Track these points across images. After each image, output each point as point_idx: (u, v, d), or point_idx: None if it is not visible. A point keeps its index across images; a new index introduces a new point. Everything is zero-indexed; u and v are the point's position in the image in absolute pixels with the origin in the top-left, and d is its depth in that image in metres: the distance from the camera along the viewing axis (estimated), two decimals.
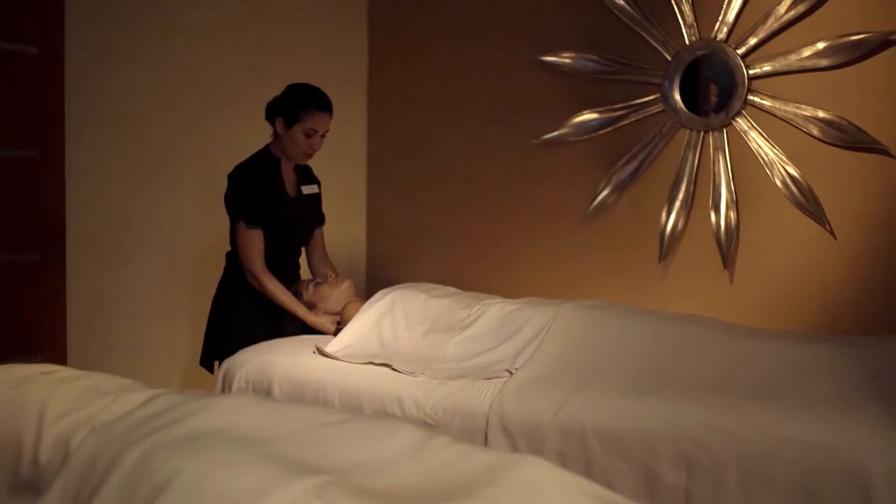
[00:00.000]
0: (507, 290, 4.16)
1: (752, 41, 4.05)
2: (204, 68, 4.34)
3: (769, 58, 4.03)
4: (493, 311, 3.47)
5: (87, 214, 3.94)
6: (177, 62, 4.24)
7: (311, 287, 3.79)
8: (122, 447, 1.74)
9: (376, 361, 3.27)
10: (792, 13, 3.94)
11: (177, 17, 4.24)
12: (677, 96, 4.24)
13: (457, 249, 4.89)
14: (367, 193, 5.20)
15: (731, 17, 4.09)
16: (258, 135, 3.81)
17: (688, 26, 4.19)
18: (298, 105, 3.70)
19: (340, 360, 3.31)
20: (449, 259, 4.89)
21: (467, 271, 4.73)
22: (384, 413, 2.99)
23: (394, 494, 1.57)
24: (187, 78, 4.28)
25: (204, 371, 3.88)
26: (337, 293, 3.76)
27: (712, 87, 4.25)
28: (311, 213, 3.97)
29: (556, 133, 4.51)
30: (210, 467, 1.61)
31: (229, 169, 3.75)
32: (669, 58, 4.25)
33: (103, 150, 3.99)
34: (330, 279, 3.83)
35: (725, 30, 4.11)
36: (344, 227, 4.60)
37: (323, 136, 3.76)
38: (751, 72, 4.06)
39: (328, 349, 3.37)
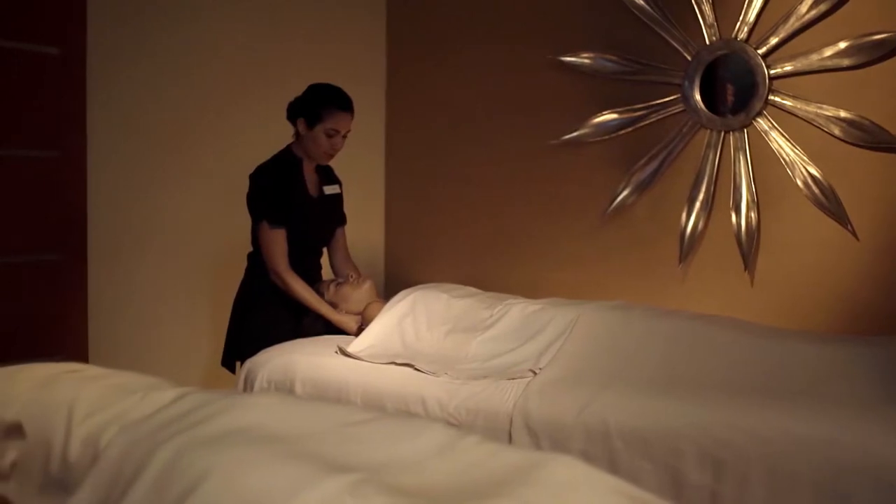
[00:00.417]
0: (527, 291, 4.16)
1: (773, 41, 4.03)
2: (224, 68, 4.35)
3: (790, 57, 4.01)
4: (516, 311, 3.47)
5: (109, 215, 3.95)
6: (197, 62, 4.25)
7: (332, 287, 3.79)
8: (152, 446, 1.74)
9: (399, 361, 3.27)
10: (813, 13, 3.92)
11: (197, 18, 4.25)
12: (698, 96, 4.22)
13: (476, 250, 4.89)
14: (386, 194, 5.20)
15: (751, 16, 4.08)
16: (278, 135, 3.81)
17: (708, 26, 4.18)
18: (320, 105, 3.70)
19: (363, 360, 3.31)
20: (468, 260, 4.88)
21: (486, 272, 4.72)
22: (407, 413, 2.98)
23: (425, 493, 1.57)
24: (207, 78, 4.29)
25: (224, 371, 3.88)
26: (358, 293, 3.76)
27: (729, 88, 4.23)
28: (332, 213, 3.98)
29: (575, 133, 4.51)
30: (241, 466, 1.61)
31: (249, 169, 3.75)
32: (689, 58, 4.23)
33: (124, 150, 4.01)
34: (351, 279, 3.83)
35: (746, 29, 4.09)
36: (362, 228, 4.60)
37: (345, 136, 3.76)
38: (772, 72, 4.04)
39: (350, 349, 3.37)
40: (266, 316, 3.77)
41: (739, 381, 2.92)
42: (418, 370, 3.19)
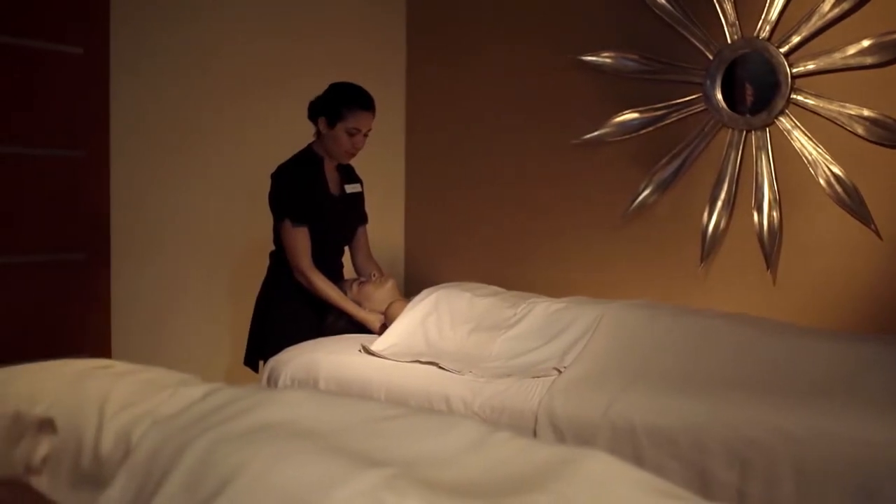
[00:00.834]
0: (547, 291, 4.13)
1: (796, 39, 4.02)
2: (245, 68, 4.36)
3: (813, 56, 4.00)
4: (539, 309, 3.46)
5: (131, 214, 3.97)
6: (218, 62, 4.27)
7: (354, 286, 3.79)
8: (184, 440, 1.74)
9: (423, 360, 3.27)
10: (836, 11, 3.91)
11: (218, 18, 4.26)
12: (719, 95, 4.22)
13: (495, 250, 4.89)
14: (406, 193, 5.20)
15: (774, 15, 4.06)
16: (299, 134, 3.82)
17: (730, 25, 4.17)
18: (341, 104, 3.71)
19: (387, 358, 3.30)
20: (488, 260, 4.88)
21: (506, 272, 4.72)
22: (435, 410, 2.98)
23: (459, 488, 1.56)
24: (229, 77, 4.31)
25: (247, 370, 3.89)
26: (381, 292, 3.76)
27: (747, 87, 4.22)
28: (354, 212, 3.98)
29: (596, 133, 4.51)
30: (274, 460, 1.60)
31: (270, 168, 3.76)
32: (711, 57, 4.23)
33: (147, 150, 4.02)
34: (374, 278, 3.83)
35: (768, 28, 4.08)
36: (382, 227, 4.60)
37: (366, 135, 3.77)
38: (794, 70, 4.03)
39: (374, 347, 3.37)
40: (288, 315, 3.77)
41: (766, 380, 2.90)
42: (442, 368, 3.19)
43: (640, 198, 4.42)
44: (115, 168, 3.87)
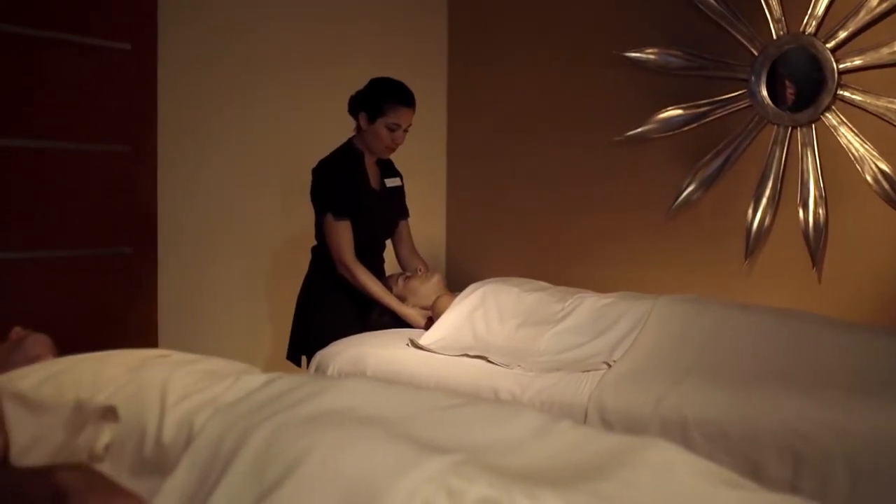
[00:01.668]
0: (589, 288, 4.12)
1: (842, 35, 3.99)
2: (288, 63, 4.40)
3: (860, 51, 3.97)
4: (587, 304, 3.45)
5: (178, 209, 4.00)
6: (262, 59, 4.30)
7: (400, 281, 3.80)
8: (248, 426, 1.74)
9: (471, 354, 3.27)
10: (884, 5, 3.89)
11: (262, 15, 4.29)
12: (764, 92, 4.19)
13: (537, 247, 4.88)
14: (447, 190, 5.21)
15: (820, 10, 4.04)
16: (339, 129, 3.84)
17: (775, 21, 4.14)
18: (381, 99, 3.72)
19: (435, 352, 3.31)
20: (529, 256, 4.88)
21: (547, 269, 4.70)
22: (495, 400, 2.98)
23: (528, 474, 1.56)
24: (272, 72, 4.34)
25: (288, 364, 3.90)
26: (427, 287, 3.77)
27: (787, 84, 4.19)
28: (394, 206, 3.99)
29: (639, 129, 4.50)
30: (341, 445, 1.61)
31: (310, 163, 3.78)
32: (756, 53, 4.20)
33: (193, 145, 4.06)
34: (420, 273, 3.84)
35: (814, 23, 4.05)
36: (423, 223, 4.61)
37: (406, 130, 3.78)
38: (841, 66, 4.00)
39: (422, 341, 3.38)
40: (331, 309, 3.79)
41: (818, 375, 2.88)
42: (491, 362, 3.19)
43: (684, 195, 4.40)
44: (161, 163, 3.90)
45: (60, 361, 2.16)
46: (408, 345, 3.40)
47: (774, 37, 4.16)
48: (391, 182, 3.97)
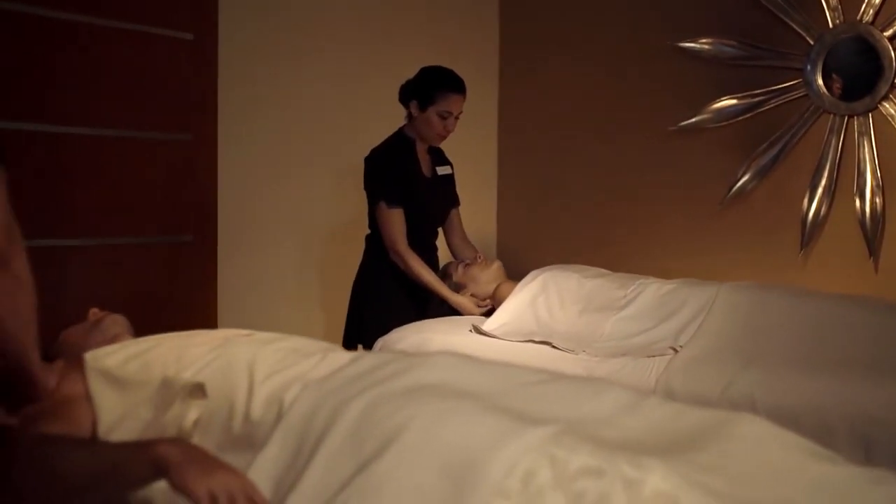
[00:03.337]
0: None
1: None
2: (343, 53, 4.42)
3: None
4: (651, 290, 3.46)
5: (236, 197, 4.03)
6: (317, 49, 4.33)
7: (460, 268, 3.82)
8: (342, 400, 1.77)
9: (535, 339, 3.28)
10: None
11: (318, 5, 4.32)
12: (820, 81, 4.17)
13: (590, 237, 4.87)
14: (499, 179, 5.21)
15: None
16: (390, 118, 3.87)
17: (832, 9, 4.12)
18: (432, 87, 3.75)
19: (499, 338, 3.33)
20: (582, 246, 4.86)
21: (600, 258, 4.68)
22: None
23: (626, 446, 1.57)
24: (327, 63, 4.36)
25: None
26: (487, 274, 3.79)
27: (835, 78, 4.16)
28: (446, 194, 4.02)
29: (694, 119, 4.48)
30: (441, 416, 1.63)
31: (363, 152, 3.81)
32: (812, 42, 4.18)
33: (253, 134, 4.08)
34: (479, 260, 3.86)
35: (872, 12, 4.02)
36: (475, 212, 4.61)
37: (457, 117, 3.81)
38: None
39: (485, 327, 3.39)
40: (385, 298, 3.81)
41: (887, 360, 2.87)
42: (555, 348, 3.20)
43: (739, 184, 4.39)
44: (222, 152, 3.94)
45: (144, 340, 2.20)
46: (471, 331, 3.41)
47: (831, 25, 4.14)
48: (442, 170, 3.99)
